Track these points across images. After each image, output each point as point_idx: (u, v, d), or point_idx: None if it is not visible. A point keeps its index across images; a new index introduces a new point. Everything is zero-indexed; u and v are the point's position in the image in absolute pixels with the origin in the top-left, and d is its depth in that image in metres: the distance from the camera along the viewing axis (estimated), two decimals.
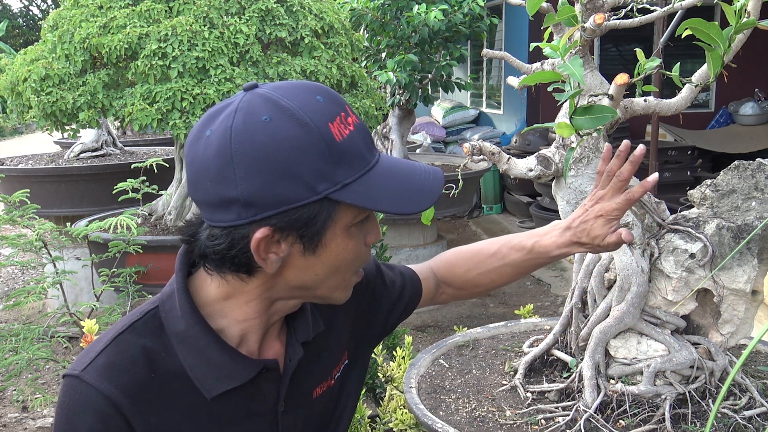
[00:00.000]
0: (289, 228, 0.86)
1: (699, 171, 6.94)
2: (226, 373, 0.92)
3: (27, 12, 22.36)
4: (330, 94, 0.89)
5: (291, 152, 0.83)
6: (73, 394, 0.88)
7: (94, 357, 0.89)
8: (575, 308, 2.02)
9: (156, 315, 0.94)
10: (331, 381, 1.08)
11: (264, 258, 0.87)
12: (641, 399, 1.82)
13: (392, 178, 0.90)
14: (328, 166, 0.84)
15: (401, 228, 5.00)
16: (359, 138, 0.89)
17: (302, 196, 0.84)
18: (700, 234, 1.83)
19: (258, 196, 0.83)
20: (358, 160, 0.87)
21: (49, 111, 3.60)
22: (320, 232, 0.87)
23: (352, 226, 0.90)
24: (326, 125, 0.85)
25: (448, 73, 5.16)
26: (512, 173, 1.91)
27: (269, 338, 1.00)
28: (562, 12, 1.52)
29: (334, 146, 0.84)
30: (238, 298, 0.93)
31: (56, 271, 2.88)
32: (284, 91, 0.86)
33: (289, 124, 0.83)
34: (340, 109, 0.88)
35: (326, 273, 0.91)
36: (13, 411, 3.59)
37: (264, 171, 0.83)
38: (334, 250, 0.90)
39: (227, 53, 3.56)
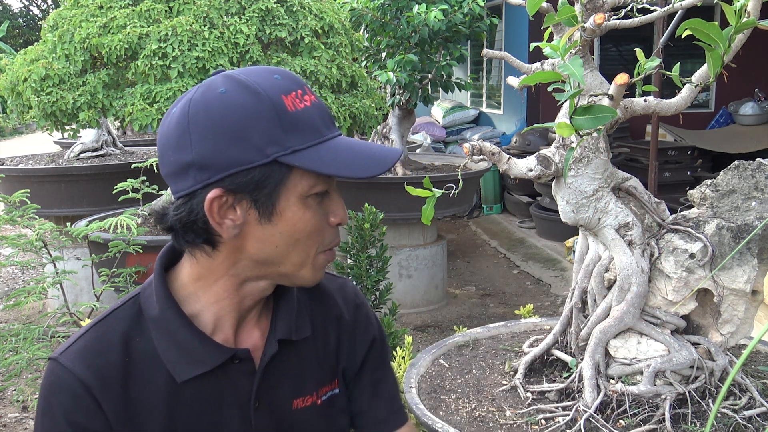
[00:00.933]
0: (241, 190, 0.89)
1: (699, 171, 6.94)
2: (195, 357, 0.94)
3: (27, 12, 22.36)
4: (289, 75, 0.93)
5: (242, 117, 0.87)
6: (50, 375, 0.93)
7: (74, 341, 0.94)
8: (575, 308, 2.02)
9: (136, 301, 0.97)
10: (317, 399, 1.06)
11: (219, 222, 0.90)
12: (641, 399, 1.82)
13: (346, 150, 0.92)
14: (279, 131, 0.88)
15: (401, 228, 5.00)
16: (315, 114, 0.92)
17: (252, 159, 0.87)
18: (700, 234, 1.83)
19: (210, 159, 0.88)
20: (311, 131, 0.90)
21: (49, 111, 3.60)
22: (273, 197, 0.89)
23: (309, 197, 0.92)
24: (279, 96, 0.89)
25: (448, 73, 5.16)
26: (512, 173, 1.91)
27: (246, 329, 1.01)
28: (562, 12, 1.52)
29: (285, 114, 0.88)
30: (207, 277, 0.96)
31: (56, 271, 2.88)
32: (246, 71, 0.92)
33: (243, 93, 0.88)
34: (297, 87, 0.92)
35: (286, 244, 0.92)
36: (13, 411, 3.59)
37: (216, 135, 0.87)
38: (290, 219, 0.91)
39: (227, 53, 3.56)
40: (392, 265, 3.95)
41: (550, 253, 6.13)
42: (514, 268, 6.10)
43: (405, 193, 1.66)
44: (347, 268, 3.07)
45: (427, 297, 5.09)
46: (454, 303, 5.25)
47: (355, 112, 3.98)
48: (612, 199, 1.89)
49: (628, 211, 1.90)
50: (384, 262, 3.10)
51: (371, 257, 3.06)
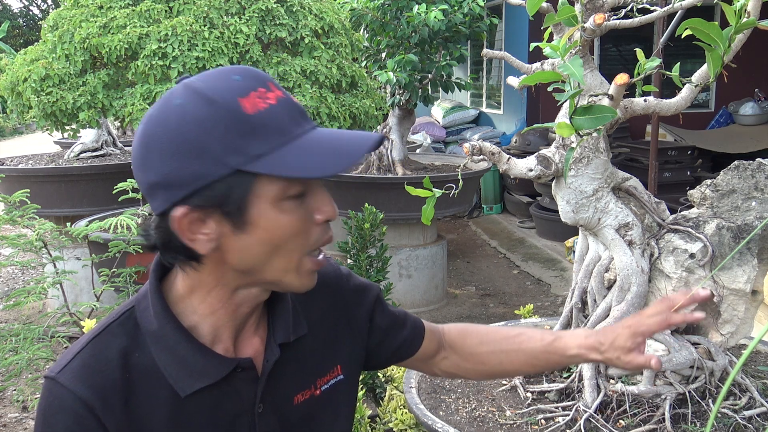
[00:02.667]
0: (207, 205, 0.86)
1: (699, 171, 6.94)
2: (198, 370, 0.92)
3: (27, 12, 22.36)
4: (249, 73, 0.89)
5: (198, 130, 0.84)
6: (49, 396, 0.90)
7: (71, 359, 0.91)
8: (575, 308, 2.02)
9: (131, 315, 0.95)
10: (315, 390, 1.06)
11: (192, 239, 0.88)
12: (641, 399, 1.82)
13: (314, 147, 0.87)
14: (237, 139, 0.84)
15: (401, 228, 5.00)
16: (281, 112, 0.87)
17: (214, 172, 0.84)
18: (700, 234, 1.83)
19: (173, 177, 0.85)
20: (275, 132, 0.86)
21: (49, 111, 3.60)
22: (243, 208, 0.86)
23: (284, 201, 0.88)
24: (235, 100, 0.85)
25: (448, 73, 5.16)
26: (512, 173, 1.91)
27: (246, 336, 0.99)
28: (562, 12, 1.52)
29: (243, 119, 0.84)
30: (199, 290, 0.94)
31: (56, 271, 2.88)
32: (204, 76, 0.88)
33: (198, 103, 0.85)
34: (259, 85, 0.87)
35: (266, 252, 0.89)
36: (13, 411, 3.59)
37: (175, 152, 0.85)
38: (265, 227, 0.87)
39: (227, 53, 3.57)
40: (392, 265, 3.95)
41: (550, 253, 6.13)
42: (514, 268, 6.10)
43: (405, 193, 1.66)
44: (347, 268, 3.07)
45: (427, 297, 5.09)
46: (454, 303, 5.25)
47: (355, 112, 3.98)
48: (612, 199, 1.89)
49: (628, 211, 1.90)
50: (384, 262, 3.10)
51: (371, 257, 3.06)
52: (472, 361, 1.23)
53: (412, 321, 1.21)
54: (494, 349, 1.20)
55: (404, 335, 1.19)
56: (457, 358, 1.23)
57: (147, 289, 0.96)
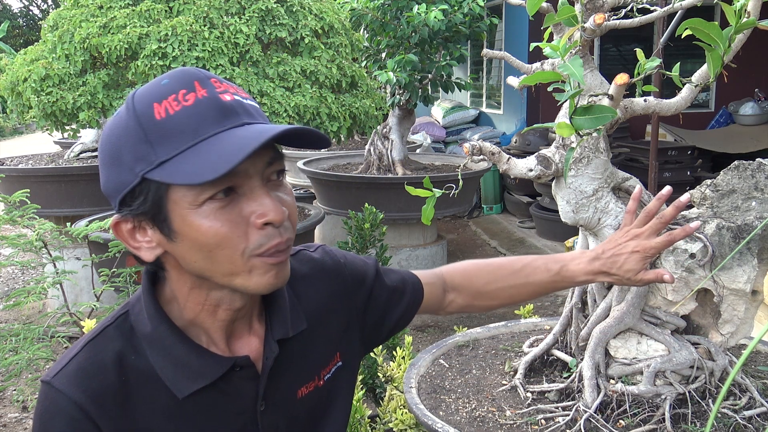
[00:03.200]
0: (134, 214, 0.87)
1: (699, 171, 6.94)
2: (194, 371, 0.92)
3: (27, 12, 22.36)
4: (181, 75, 0.86)
5: (117, 139, 0.86)
6: (45, 401, 0.90)
7: (66, 363, 0.91)
8: (575, 308, 2.02)
9: (126, 319, 0.95)
10: (319, 381, 1.06)
11: (135, 247, 0.90)
12: (641, 399, 1.82)
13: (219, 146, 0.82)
14: (144, 146, 0.83)
15: (401, 228, 5.00)
16: (196, 112, 0.83)
17: (128, 180, 0.85)
18: (700, 234, 1.83)
19: (106, 188, 0.89)
20: (182, 136, 0.82)
21: (49, 111, 3.60)
22: (163, 215, 0.85)
23: (203, 206, 0.84)
24: (150, 105, 0.83)
25: (448, 73, 5.16)
26: (512, 173, 1.91)
27: (242, 337, 0.99)
28: (562, 12, 1.52)
29: (151, 125, 0.83)
30: (179, 293, 0.94)
31: (56, 271, 2.88)
32: (146, 84, 0.89)
33: (124, 112, 0.86)
34: (182, 87, 0.84)
35: (202, 258, 0.87)
36: (13, 411, 3.59)
37: (104, 162, 0.88)
38: (189, 233, 0.85)
39: (227, 53, 3.57)
40: (392, 265, 3.96)
41: (550, 253, 6.13)
42: None
43: (405, 193, 1.66)
44: None
45: None
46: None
47: (355, 112, 3.98)
48: (612, 199, 1.89)
49: None
50: (384, 262, 3.09)
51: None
52: (482, 299, 1.26)
53: (411, 285, 1.23)
54: (503, 286, 1.23)
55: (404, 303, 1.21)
56: (463, 299, 1.26)
57: (140, 293, 0.96)
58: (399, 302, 1.20)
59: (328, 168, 5.52)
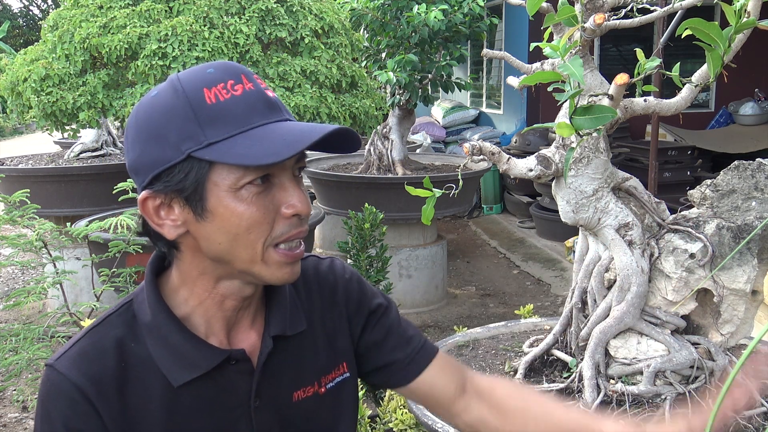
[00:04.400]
0: (168, 190, 0.89)
1: (699, 171, 6.94)
2: (190, 360, 0.94)
3: (27, 12, 22.37)
4: (226, 67, 0.91)
5: (160, 117, 0.88)
6: (47, 382, 0.93)
7: (69, 347, 0.94)
8: (575, 308, 2.02)
9: (130, 307, 0.98)
10: (319, 388, 1.05)
11: (159, 224, 0.91)
12: (641, 399, 1.82)
13: (269, 135, 0.87)
14: (194, 126, 0.87)
15: (401, 228, 5.00)
16: (248, 102, 0.88)
17: (170, 157, 0.87)
18: (700, 234, 1.83)
19: (139, 163, 0.90)
20: (235, 121, 0.87)
21: (49, 111, 3.60)
22: (200, 193, 0.88)
23: (241, 189, 0.88)
24: (200, 90, 0.88)
25: (448, 73, 5.16)
26: (512, 173, 1.91)
27: (241, 330, 1.00)
28: (562, 12, 1.52)
29: (202, 108, 0.87)
30: (187, 280, 0.96)
31: (56, 271, 2.88)
32: (188, 70, 0.92)
33: (167, 93, 0.89)
34: (230, 77, 0.89)
35: (227, 241, 0.90)
36: (13, 411, 3.59)
37: (141, 138, 0.90)
38: (223, 214, 0.88)
39: (227, 53, 3.56)
40: (392, 265, 3.95)
41: (550, 253, 6.14)
42: (514, 268, 6.10)
43: (405, 193, 1.66)
44: None
45: (427, 297, 5.09)
46: (454, 303, 5.25)
47: (355, 112, 3.99)
48: (612, 199, 1.89)
49: (628, 211, 1.90)
50: (384, 262, 3.10)
51: (371, 257, 3.06)
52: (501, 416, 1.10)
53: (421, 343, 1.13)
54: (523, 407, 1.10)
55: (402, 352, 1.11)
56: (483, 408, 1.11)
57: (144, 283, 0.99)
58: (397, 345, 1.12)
59: (328, 168, 5.52)
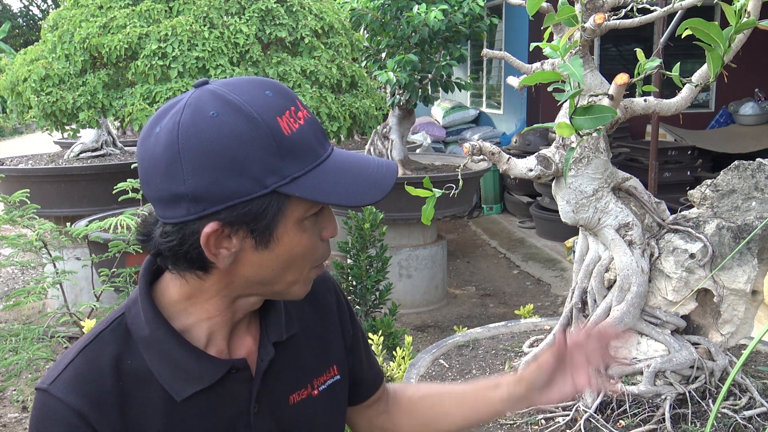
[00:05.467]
0: (238, 222, 0.85)
1: (699, 171, 6.94)
2: (192, 374, 0.92)
3: (27, 12, 22.36)
4: (280, 89, 0.89)
5: (238, 146, 0.83)
6: (42, 408, 0.89)
7: (62, 370, 0.90)
8: (575, 308, 2.02)
9: (122, 322, 0.94)
10: (313, 390, 1.06)
11: (215, 253, 0.87)
12: (641, 399, 1.82)
13: (344, 171, 0.89)
14: (276, 159, 0.84)
15: (401, 228, 5.00)
16: (310, 132, 0.88)
17: (250, 190, 0.84)
18: (700, 234, 1.83)
19: (206, 191, 0.84)
20: (308, 153, 0.87)
21: (49, 111, 3.60)
22: (271, 226, 0.87)
23: (305, 220, 0.89)
24: (274, 119, 0.85)
25: (448, 73, 5.16)
26: (512, 173, 1.91)
27: (238, 336, 0.99)
28: (562, 12, 1.52)
29: (282, 140, 0.84)
30: (198, 297, 0.93)
31: (56, 271, 2.88)
32: (233, 87, 0.87)
33: (236, 118, 0.83)
34: (290, 103, 0.88)
35: (281, 268, 0.91)
36: (13, 411, 3.59)
37: (211, 166, 0.83)
38: (287, 244, 0.89)
39: (227, 53, 3.57)
40: (392, 265, 3.95)
41: (550, 253, 6.13)
42: (514, 268, 6.10)
43: (405, 193, 1.66)
44: (347, 268, 3.07)
45: (427, 297, 5.09)
46: (454, 303, 5.25)
47: (355, 112, 3.98)
48: (612, 199, 1.89)
49: (628, 211, 1.90)
50: (384, 262, 3.10)
51: (371, 257, 3.06)
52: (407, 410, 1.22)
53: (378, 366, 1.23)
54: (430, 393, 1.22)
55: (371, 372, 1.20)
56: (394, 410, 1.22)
57: (137, 295, 0.95)
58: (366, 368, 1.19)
59: None
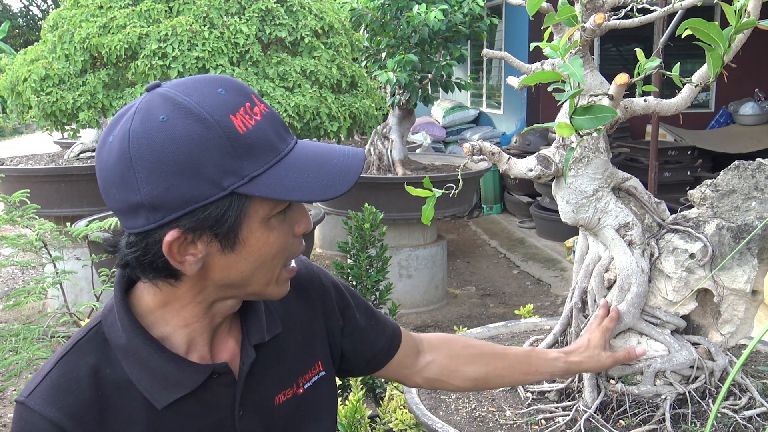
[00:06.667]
0: (200, 227, 0.84)
1: (699, 171, 6.94)
2: (173, 381, 0.91)
3: (27, 12, 22.36)
4: (234, 85, 0.86)
5: (191, 150, 0.81)
6: (20, 421, 0.88)
7: (39, 381, 0.89)
8: (575, 308, 2.02)
9: (99, 331, 0.93)
10: (297, 389, 1.05)
11: (180, 261, 0.86)
12: (641, 399, 1.82)
13: (306, 165, 0.87)
14: (232, 159, 0.82)
15: (401, 228, 5.00)
16: (268, 127, 0.86)
17: (208, 194, 0.82)
18: (700, 234, 1.83)
19: (162, 199, 0.82)
20: (266, 150, 0.84)
21: (49, 111, 3.60)
22: (234, 229, 0.85)
23: (271, 218, 0.88)
24: (227, 118, 0.82)
25: (448, 73, 5.16)
26: (512, 173, 1.91)
27: (220, 340, 0.98)
28: (562, 12, 1.52)
29: (236, 139, 0.82)
30: (173, 304, 0.92)
31: (56, 271, 2.88)
32: (183, 88, 0.84)
33: (187, 120, 0.81)
34: (245, 99, 0.85)
35: (251, 269, 0.89)
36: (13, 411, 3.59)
37: (165, 172, 0.81)
38: (254, 245, 0.87)
39: (227, 53, 3.57)
40: (392, 265, 3.95)
41: (550, 253, 6.13)
42: (514, 268, 6.10)
43: (405, 193, 1.66)
44: (347, 268, 3.07)
45: (427, 297, 5.09)
46: (454, 303, 5.25)
47: (355, 112, 3.98)
48: (612, 199, 1.89)
49: (628, 211, 1.90)
50: (384, 262, 3.09)
51: (371, 257, 3.06)
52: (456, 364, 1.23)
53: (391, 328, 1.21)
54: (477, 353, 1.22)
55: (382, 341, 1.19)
56: (442, 361, 1.22)
57: (112, 304, 0.94)
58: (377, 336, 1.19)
59: None
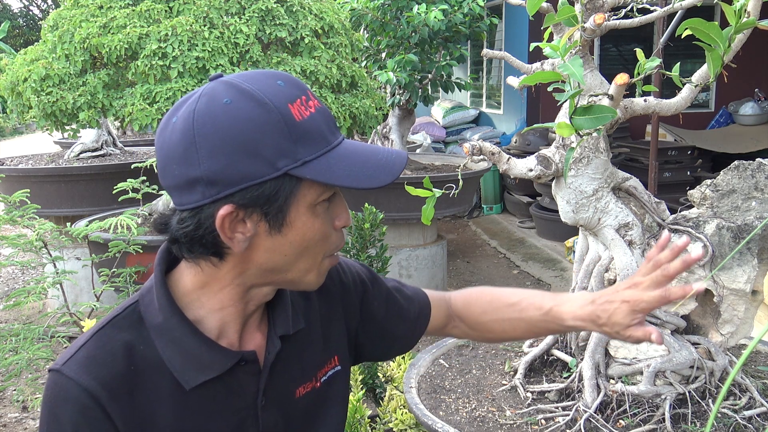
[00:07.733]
0: (252, 205, 0.88)
1: (699, 171, 6.94)
2: (203, 363, 0.94)
3: (27, 12, 22.37)
4: (291, 80, 0.92)
5: (251, 130, 0.86)
6: (55, 388, 0.91)
7: (75, 351, 0.92)
8: None
9: (135, 309, 0.96)
10: (315, 383, 1.08)
11: (230, 237, 0.89)
12: (641, 399, 1.82)
13: (354, 157, 0.92)
14: (288, 143, 0.87)
15: (401, 228, 5.00)
16: (321, 120, 0.91)
17: (263, 173, 0.86)
18: (700, 234, 1.83)
19: (220, 174, 0.86)
20: (319, 139, 0.90)
21: (49, 111, 3.60)
22: (284, 209, 0.89)
23: (317, 205, 0.91)
24: (286, 105, 0.88)
25: (448, 73, 5.16)
26: (512, 173, 1.91)
27: (249, 330, 1.01)
28: (562, 12, 1.52)
29: (293, 125, 0.87)
30: (212, 285, 0.95)
31: (56, 271, 2.88)
32: (246, 78, 0.90)
33: (249, 104, 0.87)
34: (301, 93, 0.91)
35: (295, 253, 0.92)
36: (13, 411, 3.59)
37: (225, 149, 0.86)
38: (300, 229, 0.91)
39: (227, 53, 3.56)
40: (392, 265, 3.95)
41: (550, 253, 6.13)
42: (514, 268, 6.10)
43: (405, 193, 1.66)
44: None
45: None
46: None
47: (355, 112, 3.98)
48: (612, 199, 1.89)
49: (628, 211, 1.90)
50: (384, 262, 3.10)
51: (371, 257, 3.06)
52: (479, 330, 1.26)
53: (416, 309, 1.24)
54: (497, 318, 1.23)
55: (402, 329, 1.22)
56: (465, 327, 1.27)
57: (151, 284, 0.97)
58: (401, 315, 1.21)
59: None
